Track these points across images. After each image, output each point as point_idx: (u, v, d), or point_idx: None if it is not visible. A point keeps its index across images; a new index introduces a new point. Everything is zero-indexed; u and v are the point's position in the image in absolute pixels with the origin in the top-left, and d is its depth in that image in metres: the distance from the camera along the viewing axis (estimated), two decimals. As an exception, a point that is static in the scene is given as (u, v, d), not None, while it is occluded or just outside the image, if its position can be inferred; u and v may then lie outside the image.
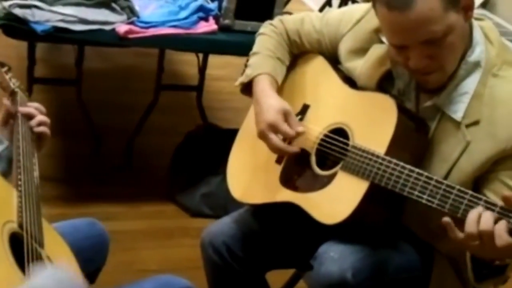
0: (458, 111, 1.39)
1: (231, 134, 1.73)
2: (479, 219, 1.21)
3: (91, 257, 1.45)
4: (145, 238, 2.48)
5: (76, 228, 1.48)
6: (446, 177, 1.38)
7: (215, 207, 2.66)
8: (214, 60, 3.20)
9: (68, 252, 1.28)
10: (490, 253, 1.24)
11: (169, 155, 2.78)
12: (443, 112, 1.41)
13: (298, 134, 1.53)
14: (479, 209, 1.22)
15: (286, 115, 1.54)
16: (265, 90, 1.59)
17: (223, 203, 2.64)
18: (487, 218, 1.20)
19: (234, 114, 3.28)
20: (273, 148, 1.54)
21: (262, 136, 1.55)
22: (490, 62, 1.39)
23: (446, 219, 1.23)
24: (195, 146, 2.79)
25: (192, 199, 2.68)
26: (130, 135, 2.82)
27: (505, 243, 1.18)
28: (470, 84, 1.39)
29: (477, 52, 1.39)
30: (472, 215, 1.22)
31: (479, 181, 1.40)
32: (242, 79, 1.66)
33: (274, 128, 1.53)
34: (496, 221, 1.20)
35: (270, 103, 1.55)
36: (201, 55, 3.07)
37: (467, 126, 1.38)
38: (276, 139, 1.52)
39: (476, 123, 1.38)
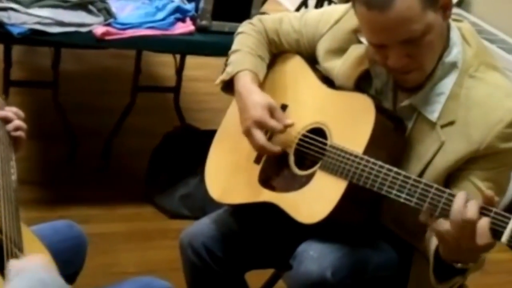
0: (434, 112, 1.41)
1: (209, 135, 1.73)
2: (466, 205, 1.19)
3: (69, 259, 1.45)
4: (123, 240, 2.47)
5: (55, 230, 1.47)
6: (420, 175, 1.40)
7: (194, 208, 2.65)
8: (191, 61, 3.20)
9: (47, 256, 1.27)
10: (466, 246, 1.22)
11: (147, 156, 2.77)
12: (419, 112, 1.43)
13: (287, 127, 1.53)
14: (464, 196, 1.21)
15: (272, 110, 1.54)
16: (247, 86, 1.58)
17: (202, 204, 2.64)
18: (473, 206, 1.19)
19: (211, 115, 3.28)
20: (257, 145, 1.53)
21: (248, 133, 1.54)
22: (467, 63, 1.40)
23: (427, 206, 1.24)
24: (173, 147, 2.78)
25: (170, 200, 2.67)
26: (107, 137, 2.80)
27: (486, 240, 1.18)
28: (446, 85, 1.40)
29: (454, 53, 1.41)
30: (459, 200, 1.21)
31: (449, 178, 1.42)
32: (223, 76, 1.65)
33: (261, 125, 1.52)
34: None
35: (254, 99, 1.55)
36: (178, 56, 3.07)
37: (442, 126, 1.40)
38: (261, 136, 1.52)
39: (451, 123, 1.39)
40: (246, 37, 1.70)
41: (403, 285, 1.51)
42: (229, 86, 1.65)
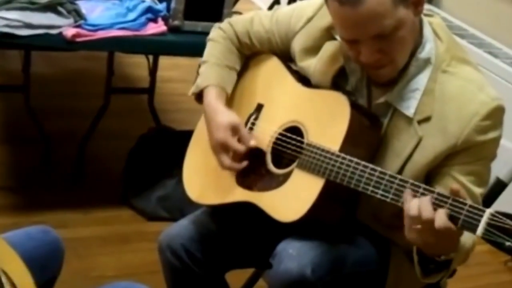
0: (410, 107, 1.41)
1: (185, 136, 1.72)
2: (420, 205, 1.22)
3: (46, 265, 1.42)
4: (101, 244, 2.44)
5: (29, 236, 1.44)
6: (400, 171, 1.41)
7: (172, 210, 2.64)
8: (163, 61, 3.18)
9: (22, 265, 1.25)
10: (430, 239, 1.24)
11: (122, 159, 2.75)
12: (395, 108, 1.43)
13: (249, 149, 1.54)
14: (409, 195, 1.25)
15: (234, 130, 1.55)
16: (212, 104, 1.60)
17: (180, 205, 2.62)
18: (426, 203, 1.22)
19: (186, 115, 3.26)
20: (222, 166, 1.56)
21: (214, 153, 1.57)
22: (439, 58, 1.42)
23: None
24: (149, 149, 2.76)
25: (148, 202, 2.65)
26: (81, 140, 2.77)
27: (444, 225, 1.20)
28: (421, 81, 1.41)
29: (427, 49, 1.42)
30: (412, 203, 1.24)
31: (430, 175, 1.43)
32: (193, 89, 1.67)
33: (225, 147, 1.54)
34: (435, 209, 1.22)
35: (217, 120, 1.56)
36: (151, 57, 3.04)
37: (419, 122, 1.41)
38: (226, 159, 1.55)
39: (427, 119, 1.40)
40: (215, 45, 1.69)
41: (382, 280, 1.52)
42: (201, 96, 1.65)
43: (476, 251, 2.43)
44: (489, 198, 1.59)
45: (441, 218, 1.20)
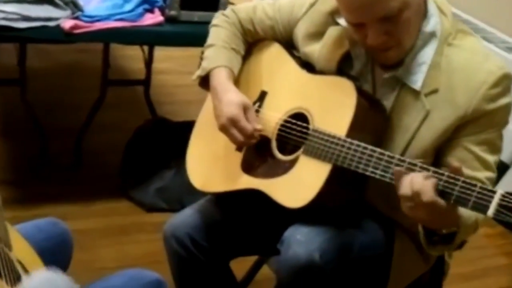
0: (417, 81, 1.42)
1: (181, 127, 1.73)
2: (412, 182, 1.24)
3: (56, 257, 1.41)
4: (101, 236, 2.44)
5: (39, 228, 1.44)
6: (407, 146, 1.42)
7: (170, 201, 2.64)
8: (157, 53, 3.17)
9: (34, 254, 1.26)
10: (423, 215, 1.26)
11: (120, 151, 2.74)
12: (402, 83, 1.44)
13: (256, 131, 1.54)
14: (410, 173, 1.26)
15: (245, 110, 1.55)
16: (223, 83, 1.59)
17: (178, 196, 2.63)
18: (418, 178, 1.24)
19: (181, 107, 3.27)
20: (235, 142, 1.56)
21: (224, 130, 1.55)
22: (445, 31, 1.43)
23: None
24: (146, 140, 2.76)
25: (146, 194, 2.66)
26: (78, 133, 2.76)
27: (430, 199, 1.21)
28: (427, 54, 1.42)
29: (432, 23, 1.43)
30: (405, 180, 1.25)
31: (443, 148, 1.43)
32: (199, 72, 1.65)
33: (235, 123, 1.53)
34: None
35: (229, 97, 1.56)
36: (146, 49, 3.03)
37: (426, 95, 1.41)
38: (238, 134, 1.54)
39: (434, 91, 1.41)
40: (220, 30, 1.69)
41: (388, 263, 1.53)
42: (205, 81, 1.65)
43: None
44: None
45: (426, 193, 1.21)
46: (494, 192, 1.16)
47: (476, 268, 2.71)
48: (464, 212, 1.30)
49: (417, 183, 1.23)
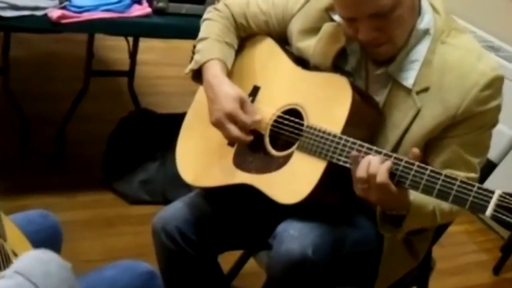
0: (409, 78, 1.43)
1: (165, 119, 1.71)
2: (369, 165, 1.30)
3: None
4: (85, 228, 2.43)
5: (29, 220, 1.42)
6: (399, 142, 1.44)
7: (154, 193, 2.63)
8: (139, 44, 3.14)
9: (29, 245, 1.24)
10: (374, 197, 1.32)
11: (103, 142, 2.72)
12: (394, 80, 1.45)
13: (255, 123, 1.54)
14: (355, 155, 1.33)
15: (242, 103, 1.54)
16: (217, 76, 1.57)
17: (162, 188, 2.62)
18: (374, 161, 1.29)
19: (164, 99, 3.25)
20: (231, 137, 1.54)
21: (219, 125, 1.53)
22: (438, 29, 1.44)
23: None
24: (130, 132, 2.74)
25: (130, 186, 2.64)
26: (60, 123, 2.73)
27: (383, 180, 1.27)
28: (420, 52, 1.44)
29: (426, 20, 1.44)
30: (363, 163, 1.31)
31: (430, 146, 1.45)
32: (192, 65, 1.64)
33: (232, 118, 1.52)
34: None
35: (225, 90, 1.54)
36: (130, 40, 3.01)
37: (418, 92, 1.43)
38: (234, 129, 1.52)
39: (426, 89, 1.42)
40: (213, 23, 1.68)
41: (378, 259, 1.55)
42: (198, 74, 1.64)
43: (453, 231, 2.50)
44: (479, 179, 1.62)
45: (381, 174, 1.27)
46: (493, 193, 1.17)
47: (457, 264, 2.75)
48: (419, 199, 1.35)
49: (374, 166, 1.29)
